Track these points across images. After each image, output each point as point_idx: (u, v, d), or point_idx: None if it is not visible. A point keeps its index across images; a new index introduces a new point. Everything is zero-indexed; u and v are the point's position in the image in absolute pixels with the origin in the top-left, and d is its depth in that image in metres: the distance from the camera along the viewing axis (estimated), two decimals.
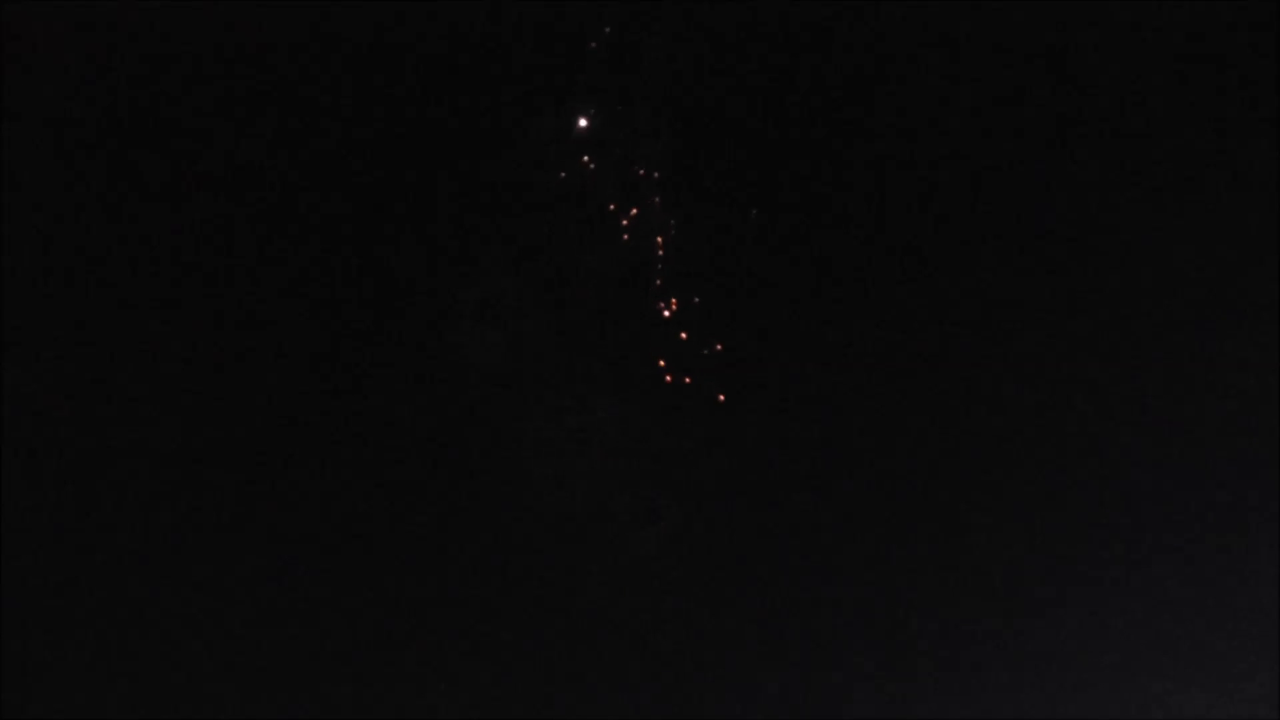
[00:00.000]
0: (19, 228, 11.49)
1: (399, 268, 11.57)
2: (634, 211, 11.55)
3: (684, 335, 11.29)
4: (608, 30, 11.56)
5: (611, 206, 11.56)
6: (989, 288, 11.38)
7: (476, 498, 11.33)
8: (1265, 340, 11.05)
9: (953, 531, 11.16)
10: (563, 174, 11.55)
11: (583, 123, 11.55)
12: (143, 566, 11.17)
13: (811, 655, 11.05)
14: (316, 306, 11.51)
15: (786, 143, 11.54)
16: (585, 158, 11.58)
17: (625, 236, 11.55)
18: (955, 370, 11.33)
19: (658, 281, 11.48)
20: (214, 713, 11.01)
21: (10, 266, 11.42)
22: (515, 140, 11.60)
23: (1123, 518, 11.05)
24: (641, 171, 11.55)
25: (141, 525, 11.23)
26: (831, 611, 11.12)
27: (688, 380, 11.27)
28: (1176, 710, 10.75)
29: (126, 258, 11.51)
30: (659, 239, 11.52)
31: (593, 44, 11.57)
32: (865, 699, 10.98)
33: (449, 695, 11.08)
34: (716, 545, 11.27)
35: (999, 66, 11.45)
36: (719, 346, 11.34)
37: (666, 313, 11.36)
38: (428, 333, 11.50)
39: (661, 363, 11.32)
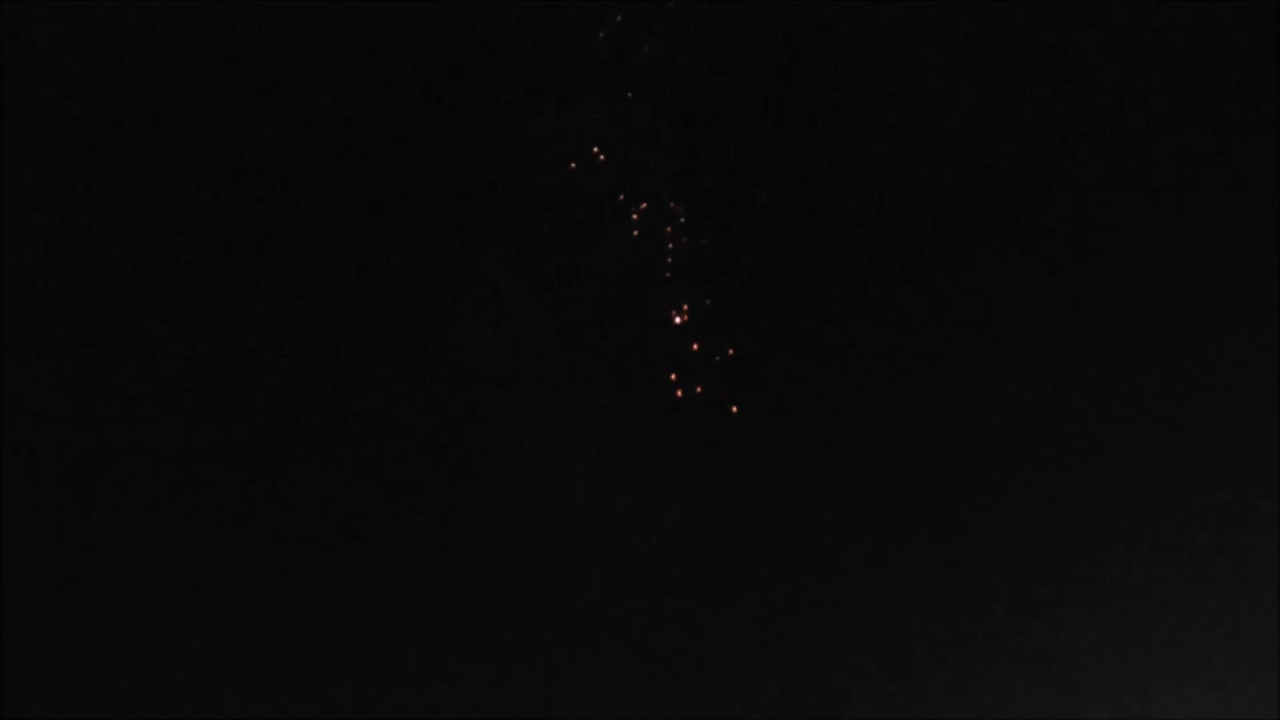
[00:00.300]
0: (19, 228, 11.50)
1: (399, 268, 11.57)
2: (635, 214, 11.55)
3: (695, 346, 11.29)
4: (607, 30, 11.57)
5: (611, 205, 11.57)
6: (989, 288, 11.38)
7: (476, 498, 11.33)
8: (1265, 340, 11.05)
9: (953, 531, 11.16)
10: (565, 171, 11.55)
11: (583, 123, 11.56)
12: (143, 566, 11.17)
13: (811, 655, 11.05)
14: (316, 306, 11.52)
15: (786, 143, 11.54)
16: (585, 157, 11.59)
17: (627, 235, 11.55)
18: (955, 370, 11.34)
19: (662, 278, 11.48)
20: (214, 713, 11.01)
21: (10, 266, 11.42)
22: (515, 140, 11.60)
23: (1123, 518, 11.05)
24: (641, 172, 11.56)
25: (141, 525, 11.23)
26: (831, 611, 11.12)
27: (699, 390, 11.27)
28: (1176, 710, 10.75)
29: (126, 258, 11.52)
30: (659, 239, 11.52)
31: (592, 44, 11.58)
32: (865, 699, 10.98)
33: (449, 695, 11.08)
34: (716, 545, 11.27)
35: (999, 66, 11.46)
36: (730, 352, 11.34)
37: (678, 319, 11.36)
38: (428, 333, 11.50)
39: (674, 376, 11.32)
